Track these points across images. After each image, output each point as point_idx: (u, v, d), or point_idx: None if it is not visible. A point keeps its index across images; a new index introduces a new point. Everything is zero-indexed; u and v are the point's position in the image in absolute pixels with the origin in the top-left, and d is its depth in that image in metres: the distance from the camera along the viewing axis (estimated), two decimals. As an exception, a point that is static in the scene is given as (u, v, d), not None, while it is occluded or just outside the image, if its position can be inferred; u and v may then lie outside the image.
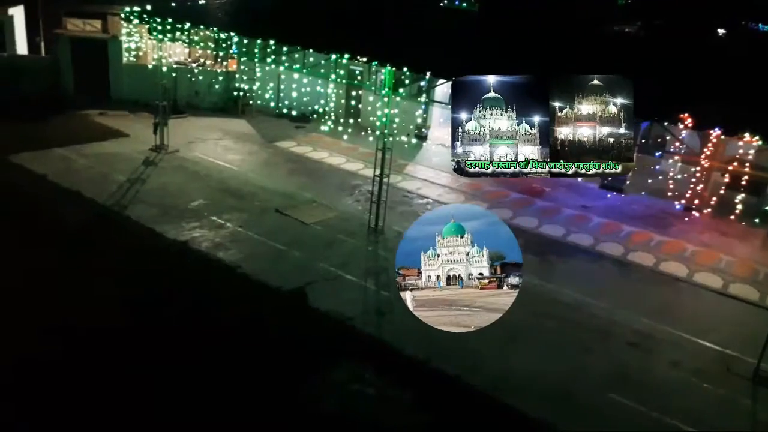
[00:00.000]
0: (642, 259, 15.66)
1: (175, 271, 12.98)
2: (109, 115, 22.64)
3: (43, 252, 12.97)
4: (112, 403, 9.12)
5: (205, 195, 16.88)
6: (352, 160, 20.94)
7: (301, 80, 23.36)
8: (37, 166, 17.35)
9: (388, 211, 15.87)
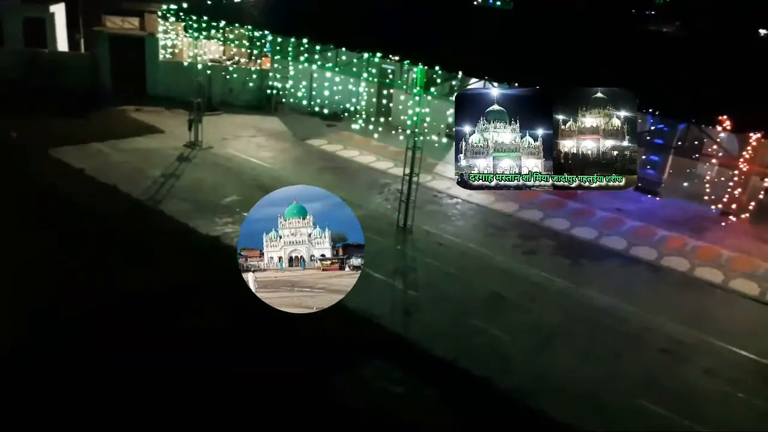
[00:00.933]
0: (676, 263, 15.34)
1: (207, 265, 13.17)
2: (145, 111, 23.08)
3: (79, 244, 13.29)
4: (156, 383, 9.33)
5: (237, 191, 17.09)
6: (382, 159, 20.97)
7: (333, 79, 23.44)
8: (76, 160, 17.79)
9: (417, 210, 15.86)
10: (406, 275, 14.05)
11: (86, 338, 10.44)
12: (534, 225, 16.93)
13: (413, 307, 12.65)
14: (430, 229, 16.01)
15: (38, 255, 12.63)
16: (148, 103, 23.73)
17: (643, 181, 19.27)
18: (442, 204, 18.00)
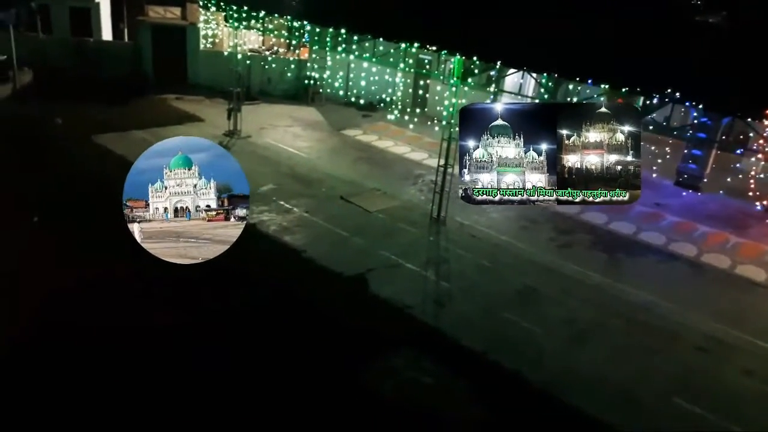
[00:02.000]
0: (717, 261, 14.97)
1: (244, 253, 13.35)
2: (185, 99, 23.51)
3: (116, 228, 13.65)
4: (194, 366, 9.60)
5: (274, 180, 17.32)
6: (416, 150, 20.95)
7: (370, 69, 23.50)
8: (117, 146, 18.26)
9: (451, 201, 15.81)
10: (438, 266, 14.05)
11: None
12: (570, 218, 16.71)
13: (445, 298, 12.66)
14: (463, 220, 15.96)
15: (78, 238, 13.03)
16: (188, 92, 24.16)
17: (684, 175, 18.81)
18: (476, 196, 17.88)
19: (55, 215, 13.97)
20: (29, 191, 14.94)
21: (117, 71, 24.23)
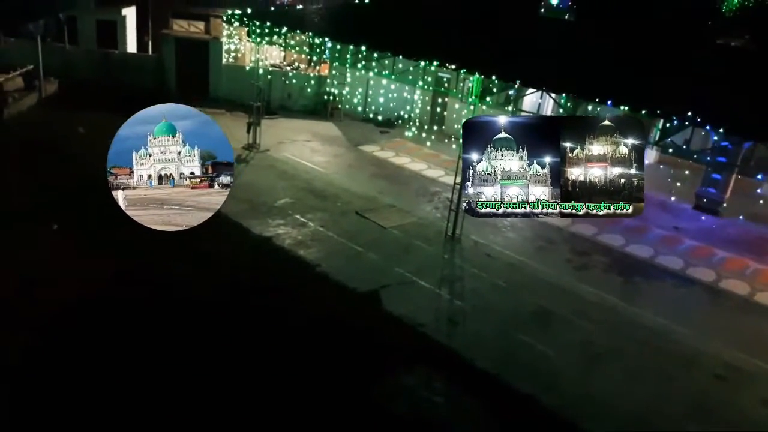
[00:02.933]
0: (735, 287, 14.73)
1: (258, 266, 13.50)
2: (206, 112, 23.42)
3: (136, 237, 13.82)
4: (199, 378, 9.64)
5: (290, 194, 17.44)
6: (433, 167, 20.97)
7: (389, 86, 23.64)
8: (139, 157, 18.48)
9: (467, 219, 15.74)
10: (452, 284, 14.01)
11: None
12: (587, 240, 16.58)
13: (459, 317, 12.60)
14: (478, 239, 15.92)
15: (91, 248, 13.20)
16: (209, 105, 24.37)
17: (704, 199, 18.61)
18: (492, 214, 17.83)
19: (71, 222, 14.17)
20: (45, 197, 15.22)
21: (141, 83, 24.63)
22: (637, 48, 17.35)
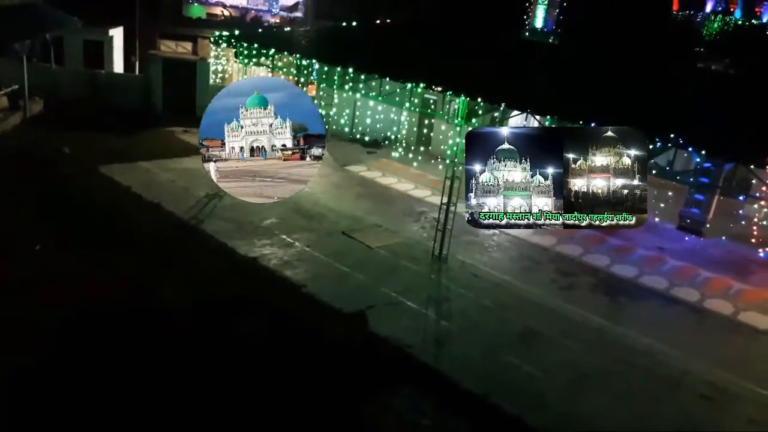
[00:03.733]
0: (719, 307, 14.84)
1: (244, 287, 13.39)
2: (193, 132, 23.68)
3: (121, 259, 13.71)
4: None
5: (277, 214, 17.38)
6: (420, 187, 21.04)
7: (376, 107, 23.78)
8: (124, 178, 18.40)
9: (453, 239, 15.82)
10: (439, 305, 13.98)
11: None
12: (572, 260, 16.67)
13: (445, 338, 12.55)
14: (465, 259, 15.93)
15: (77, 268, 13.04)
16: (196, 125, 24.12)
17: (687, 220, 18.81)
18: (478, 234, 17.87)
19: (58, 244, 14.01)
20: (30, 220, 15.04)
21: (127, 103, 24.60)
22: (619, 71, 17.64)
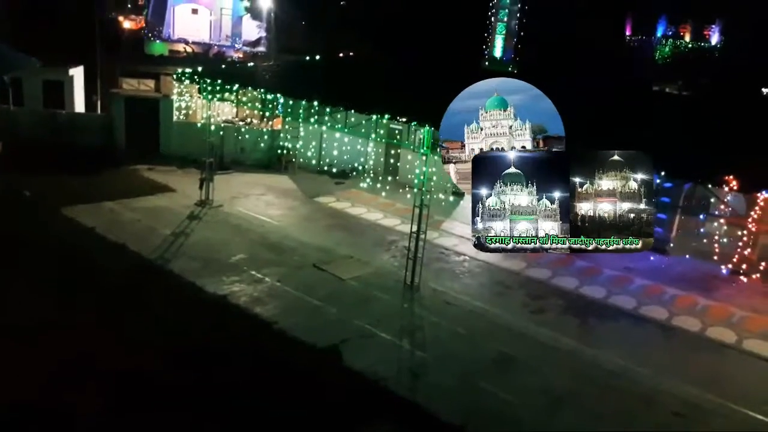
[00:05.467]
0: (687, 323, 15.11)
1: (212, 326, 13.13)
2: (157, 170, 23.53)
3: (83, 302, 13.35)
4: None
5: (245, 249, 17.20)
6: (389, 216, 21.11)
7: (342, 139, 23.92)
8: (87, 219, 18.03)
9: (425, 267, 15.85)
10: (413, 335, 13.92)
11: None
12: (542, 283, 16.83)
13: (420, 369, 12.47)
14: (437, 286, 15.96)
15: (41, 314, 12.64)
16: (160, 163, 24.20)
17: (652, 239, 19.21)
18: (449, 261, 17.98)
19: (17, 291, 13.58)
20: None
21: (89, 143, 24.26)
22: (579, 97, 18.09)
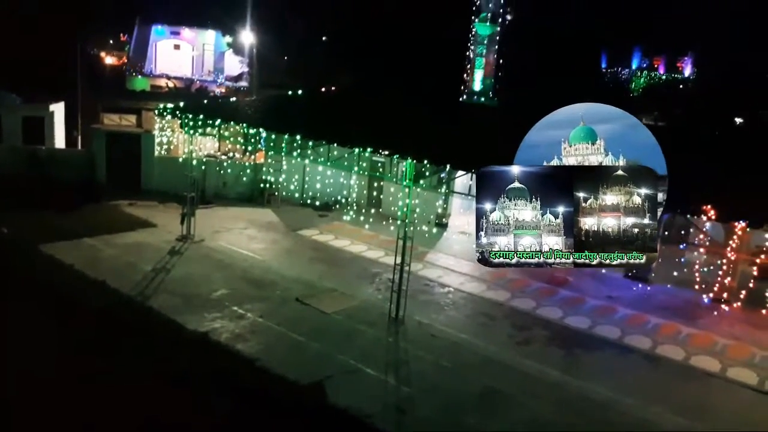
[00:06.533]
0: (671, 352, 15.14)
1: (192, 365, 12.86)
2: (138, 205, 23.34)
3: (63, 340, 13.04)
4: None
5: (227, 284, 17.00)
6: (373, 248, 21.07)
7: (325, 171, 23.97)
8: (66, 255, 17.74)
9: (409, 299, 15.76)
10: (398, 369, 13.76)
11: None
12: (527, 314, 16.81)
13: (406, 404, 12.26)
14: (422, 319, 15.85)
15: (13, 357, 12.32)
16: (142, 198, 24.03)
17: (634, 269, 19.33)
18: (433, 293, 17.92)
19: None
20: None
21: (70, 178, 23.99)
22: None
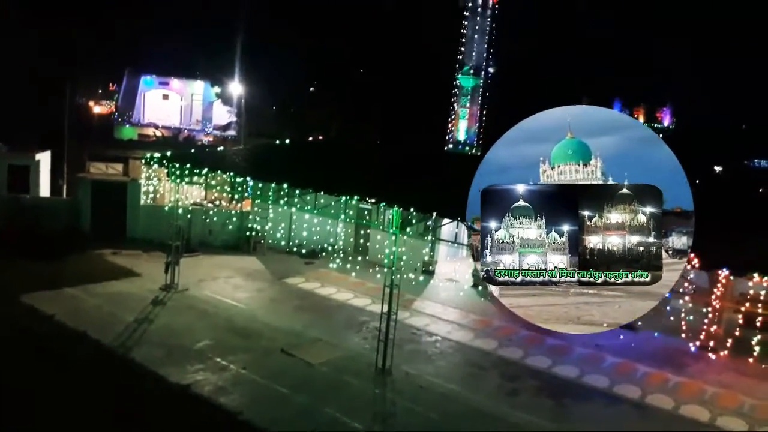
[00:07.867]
0: (660, 402, 14.97)
1: (173, 421, 12.52)
2: (123, 254, 23.11)
3: (40, 394, 12.66)
4: None
5: (210, 335, 16.71)
6: (359, 296, 20.91)
7: (312, 219, 24.03)
8: (47, 306, 17.41)
9: (396, 349, 15.56)
10: (385, 422, 13.45)
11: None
12: (515, 363, 16.63)
13: (393, 459, 11.98)
14: (410, 369, 15.61)
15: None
16: (126, 247, 23.83)
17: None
18: (421, 342, 17.72)
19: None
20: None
21: (54, 227, 23.77)
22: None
